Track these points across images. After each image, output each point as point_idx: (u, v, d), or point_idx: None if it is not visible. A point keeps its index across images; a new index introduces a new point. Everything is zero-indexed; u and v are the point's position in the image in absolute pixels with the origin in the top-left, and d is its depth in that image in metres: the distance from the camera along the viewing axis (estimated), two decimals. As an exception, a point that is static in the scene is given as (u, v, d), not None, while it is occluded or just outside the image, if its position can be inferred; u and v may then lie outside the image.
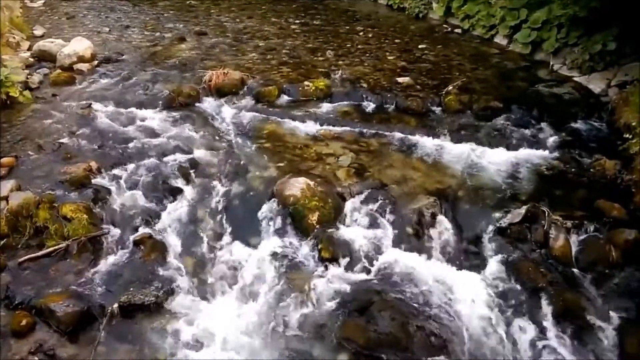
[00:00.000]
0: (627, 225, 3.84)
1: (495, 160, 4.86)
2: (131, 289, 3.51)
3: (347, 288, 3.61)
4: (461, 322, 3.39)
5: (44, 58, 7.02)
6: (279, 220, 4.12)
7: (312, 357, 3.21)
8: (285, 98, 6.08)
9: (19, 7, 9.68)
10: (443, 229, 4.05)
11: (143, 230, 4.00)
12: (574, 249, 3.82)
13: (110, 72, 6.76)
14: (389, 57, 7.34)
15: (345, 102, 5.92)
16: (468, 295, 3.54)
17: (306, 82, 6.19)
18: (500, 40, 7.94)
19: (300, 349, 3.25)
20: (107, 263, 3.76)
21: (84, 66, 6.78)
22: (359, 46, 7.91)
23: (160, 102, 5.89)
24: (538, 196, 4.28)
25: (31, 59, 7.00)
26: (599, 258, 3.73)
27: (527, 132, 5.22)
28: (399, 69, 6.85)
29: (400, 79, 6.37)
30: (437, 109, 5.74)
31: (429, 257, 3.90)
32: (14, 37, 7.57)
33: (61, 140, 4.97)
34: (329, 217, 4.11)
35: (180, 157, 4.80)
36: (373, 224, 4.11)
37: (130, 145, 4.98)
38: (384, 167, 4.78)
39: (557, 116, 5.44)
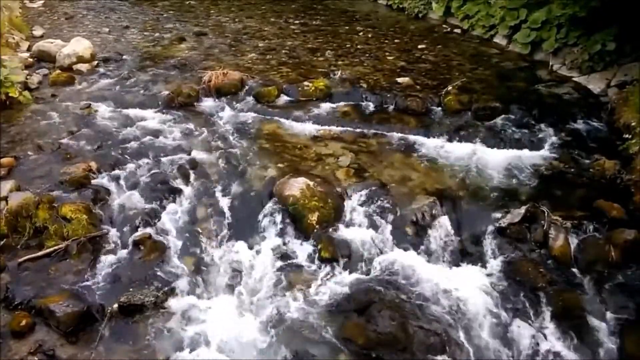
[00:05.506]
0: (626, 225, 3.83)
1: (494, 160, 4.86)
2: (131, 289, 3.52)
3: (347, 288, 3.61)
4: (461, 322, 3.40)
5: (44, 58, 7.05)
6: (278, 221, 4.13)
7: (312, 357, 3.20)
8: (284, 98, 6.08)
9: (19, 7, 9.68)
10: (443, 229, 4.05)
11: (143, 231, 3.99)
12: (573, 249, 3.82)
13: (110, 72, 6.78)
14: (389, 57, 7.34)
15: (344, 102, 5.91)
16: (467, 295, 3.54)
17: (306, 83, 6.19)
18: (499, 40, 7.94)
19: (300, 349, 3.25)
20: (106, 263, 3.76)
21: (83, 66, 6.79)
22: (359, 46, 7.91)
23: (160, 102, 5.91)
24: (538, 196, 4.28)
25: (30, 59, 7.01)
26: (599, 258, 3.72)
27: (527, 132, 5.21)
28: (399, 69, 6.85)
29: (399, 79, 6.37)
30: (437, 109, 5.73)
31: (429, 257, 3.90)
32: (13, 38, 7.58)
33: (61, 141, 4.98)
34: (329, 217, 4.12)
35: (179, 157, 4.80)
36: (373, 224, 4.11)
37: (130, 145, 4.99)
38: (383, 167, 4.78)
39: (556, 116, 5.44)
